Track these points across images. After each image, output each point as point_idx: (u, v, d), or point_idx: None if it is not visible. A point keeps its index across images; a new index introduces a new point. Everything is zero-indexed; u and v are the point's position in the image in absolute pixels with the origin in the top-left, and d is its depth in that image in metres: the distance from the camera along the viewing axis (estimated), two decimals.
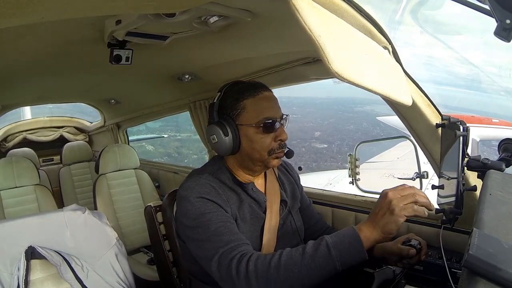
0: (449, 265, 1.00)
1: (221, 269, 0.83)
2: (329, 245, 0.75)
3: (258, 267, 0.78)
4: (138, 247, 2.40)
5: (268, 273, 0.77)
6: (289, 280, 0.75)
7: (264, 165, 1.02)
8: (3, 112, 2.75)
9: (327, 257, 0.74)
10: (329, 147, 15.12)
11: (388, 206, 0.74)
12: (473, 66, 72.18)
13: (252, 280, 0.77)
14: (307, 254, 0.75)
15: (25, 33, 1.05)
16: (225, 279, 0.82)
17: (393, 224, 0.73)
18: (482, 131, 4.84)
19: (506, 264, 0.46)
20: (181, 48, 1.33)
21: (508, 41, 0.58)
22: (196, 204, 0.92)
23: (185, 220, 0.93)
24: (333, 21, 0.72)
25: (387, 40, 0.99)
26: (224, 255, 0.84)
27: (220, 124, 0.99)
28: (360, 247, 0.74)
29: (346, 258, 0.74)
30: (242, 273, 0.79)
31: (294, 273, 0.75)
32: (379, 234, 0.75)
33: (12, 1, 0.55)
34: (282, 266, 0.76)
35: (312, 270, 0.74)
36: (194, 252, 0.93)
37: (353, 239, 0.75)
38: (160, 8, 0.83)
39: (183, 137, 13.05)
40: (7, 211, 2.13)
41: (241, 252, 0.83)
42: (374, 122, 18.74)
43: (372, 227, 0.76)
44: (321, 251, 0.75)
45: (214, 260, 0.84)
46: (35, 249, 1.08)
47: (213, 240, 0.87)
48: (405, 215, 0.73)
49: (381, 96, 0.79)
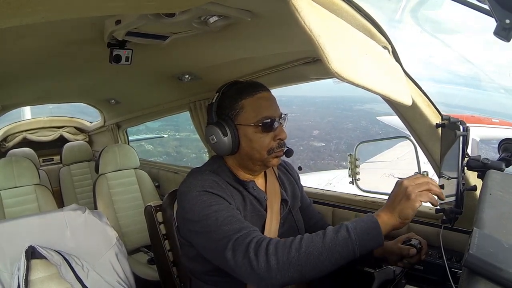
0: (449, 265, 0.99)
1: (236, 255, 0.80)
2: (349, 229, 0.76)
3: (279, 250, 0.77)
4: (138, 247, 2.40)
5: (289, 256, 0.76)
6: (309, 263, 0.75)
7: (264, 165, 1.02)
8: (3, 112, 2.75)
9: (347, 240, 0.75)
10: (327, 145, 15.14)
11: (405, 193, 0.77)
12: (472, 65, 72.18)
13: (272, 263, 0.76)
14: (327, 237, 0.76)
15: (25, 33, 1.05)
16: (242, 265, 0.79)
17: (410, 209, 0.76)
18: (482, 131, 4.84)
19: (506, 264, 0.46)
20: (181, 48, 1.33)
21: (507, 40, 0.58)
22: (201, 197, 0.91)
23: (190, 215, 0.91)
24: (333, 21, 0.72)
25: (387, 40, 0.99)
26: (238, 241, 0.82)
27: (219, 124, 0.98)
28: (379, 231, 0.76)
29: (365, 242, 0.75)
30: (262, 256, 0.77)
31: (315, 255, 0.75)
32: (396, 219, 0.77)
33: (12, 1, 0.55)
34: (303, 248, 0.76)
35: (333, 253, 0.75)
36: (202, 246, 0.91)
37: (372, 224, 0.77)
38: (160, 8, 0.83)
39: (182, 137, 13.18)
40: (7, 211, 2.13)
41: (257, 237, 0.82)
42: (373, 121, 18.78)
43: (390, 213, 0.78)
44: (341, 234, 0.76)
45: (228, 247, 0.82)
46: (35, 249, 1.08)
47: (224, 229, 0.85)
48: (421, 200, 0.76)
49: (381, 96, 0.79)
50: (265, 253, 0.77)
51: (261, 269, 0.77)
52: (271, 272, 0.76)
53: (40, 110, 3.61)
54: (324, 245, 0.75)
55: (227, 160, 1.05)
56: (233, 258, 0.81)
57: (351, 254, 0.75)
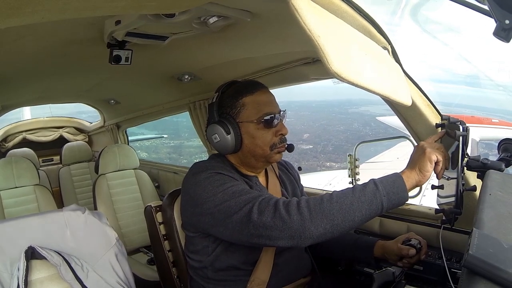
0: (449, 265, 1.00)
1: (265, 215, 0.80)
2: (376, 182, 0.81)
3: (311, 202, 0.79)
4: (138, 247, 2.40)
5: (322, 206, 0.78)
6: (341, 213, 0.77)
7: (266, 161, 1.02)
8: (3, 112, 2.74)
9: (375, 191, 0.79)
10: (314, 147, 15.61)
11: (422, 149, 0.84)
12: (472, 64, 72.30)
13: (305, 214, 0.77)
14: (357, 189, 0.80)
15: (25, 33, 1.05)
16: (272, 223, 0.79)
17: (427, 161, 0.82)
18: (482, 131, 4.84)
19: (506, 264, 0.46)
20: (180, 48, 1.33)
21: (507, 41, 0.58)
22: (213, 177, 0.91)
23: (204, 195, 0.89)
24: (333, 21, 0.72)
25: (387, 40, 0.99)
26: (263, 202, 0.82)
27: (221, 123, 0.99)
28: (403, 185, 0.80)
29: (391, 195, 0.79)
30: (294, 210, 0.78)
31: (346, 205, 0.77)
32: (417, 173, 0.82)
33: (12, 1, 0.55)
34: (335, 199, 0.78)
35: (363, 204, 0.78)
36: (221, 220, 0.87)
37: (397, 178, 0.81)
38: (160, 8, 0.83)
39: (176, 144, 14.23)
40: (7, 211, 2.12)
41: (282, 199, 0.83)
42: (365, 123, 19.06)
43: (411, 169, 0.83)
44: (370, 187, 0.80)
45: (254, 211, 0.81)
46: (35, 249, 1.08)
47: (244, 198, 0.85)
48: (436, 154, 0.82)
49: (380, 96, 0.79)
50: (297, 207, 0.79)
51: (294, 223, 0.77)
52: (305, 224, 0.77)
53: (40, 110, 3.61)
54: (354, 196, 0.78)
55: (229, 158, 1.05)
56: (261, 219, 0.80)
57: (379, 206, 0.78)
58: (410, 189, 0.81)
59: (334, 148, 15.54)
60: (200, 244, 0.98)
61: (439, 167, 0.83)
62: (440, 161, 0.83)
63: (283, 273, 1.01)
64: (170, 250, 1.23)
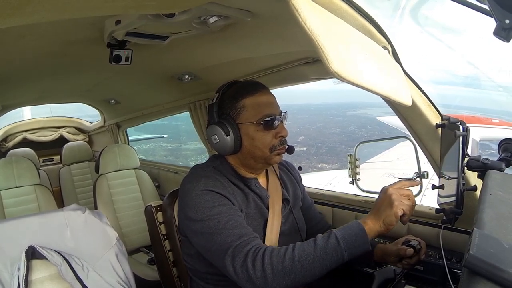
0: (450, 265, 1.00)
1: (235, 263, 0.83)
2: (338, 237, 0.80)
3: (273, 260, 0.80)
4: (138, 247, 2.40)
5: (284, 265, 0.79)
6: (303, 271, 0.79)
7: (266, 162, 1.02)
8: (3, 112, 2.75)
9: (337, 248, 0.79)
10: (308, 150, 15.91)
11: (389, 200, 0.82)
12: (472, 65, 72.19)
13: (268, 272, 0.79)
14: (318, 246, 0.80)
15: (25, 33, 1.05)
16: (240, 273, 0.82)
17: (393, 216, 0.81)
18: (482, 131, 4.84)
19: (507, 264, 0.46)
20: (181, 48, 1.33)
21: (507, 41, 0.58)
22: (203, 197, 0.92)
23: (193, 214, 0.92)
24: (333, 21, 0.72)
25: (387, 40, 0.99)
26: (238, 249, 0.84)
27: (220, 124, 0.99)
28: (365, 238, 0.80)
29: (353, 249, 0.80)
30: (258, 266, 0.80)
31: (308, 264, 0.79)
32: (381, 225, 0.82)
33: (12, 1, 0.55)
34: (296, 258, 0.80)
35: (324, 261, 0.79)
36: (202, 246, 0.92)
37: (359, 231, 0.81)
38: (160, 8, 0.83)
39: (173, 147, 14.71)
40: (7, 211, 2.13)
41: (255, 246, 0.85)
42: (361, 125, 19.16)
43: (375, 220, 0.83)
44: (331, 243, 0.80)
45: (228, 254, 0.84)
46: (35, 249, 1.08)
47: (225, 234, 0.87)
48: (402, 209, 0.81)
49: (381, 96, 0.79)
50: (261, 263, 0.81)
51: (257, 279, 0.80)
52: (267, 281, 0.80)
53: (40, 110, 3.61)
54: (315, 254, 0.80)
55: (229, 159, 1.05)
56: (232, 264, 0.84)
57: (340, 260, 0.80)
58: (372, 238, 0.82)
59: (328, 150, 15.85)
60: (193, 249, 0.98)
61: (405, 217, 0.82)
62: (406, 214, 0.82)
63: None
64: (170, 250, 1.23)
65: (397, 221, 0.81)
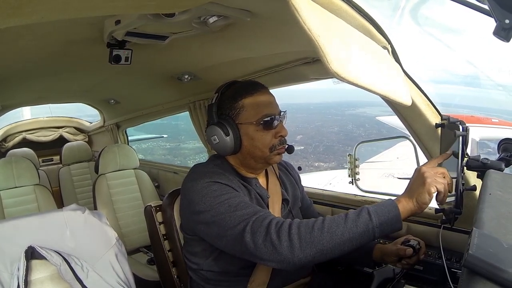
0: (449, 265, 1.00)
1: (256, 237, 0.80)
2: (370, 212, 0.78)
3: (301, 230, 0.78)
4: (138, 247, 2.40)
5: (312, 235, 0.77)
6: (331, 243, 0.76)
7: (266, 162, 1.02)
8: (3, 112, 2.74)
9: (368, 223, 0.77)
10: (305, 148, 15.88)
11: (422, 178, 0.79)
12: (472, 64, 72.38)
13: (295, 242, 0.77)
14: (349, 219, 0.78)
15: (25, 33, 1.05)
16: (263, 246, 0.79)
17: (426, 194, 0.78)
18: (482, 131, 4.84)
19: (506, 264, 0.46)
20: (180, 48, 1.33)
21: (507, 41, 0.58)
22: (210, 187, 0.91)
23: (201, 206, 0.90)
24: (333, 21, 0.72)
25: (387, 40, 0.99)
26: (256, 223, 0.82)
27: (220, 124, 0.99)
28: (398, 216, 0.78)
29: (384, 226, 0.77)
30: (284, 236, 0.78)
31: (337, 235, 0.76)
32: (414, 204, 0.79)
33: (12, 1, 0.55)
34: (326, 228, 0.77)
35: (354, 234, 0.76)
36: (216, 234, 0.89)
37: (392, 208, 0.78)
38: (159, 8, 0.83)
39: (171, 146, 14.66)
40: (7, 211, 2.12)
41: (276, 219, 0.82)
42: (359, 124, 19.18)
43: (408, 198, 0.80)
44: (363, 217, 0.78)
45: (247, 230, 0.81)
46: (35, 249, 1.08)
47: (239, 214, 0.85)
48: (436, 186, 0.78)
49: (380, 96, 0.79)
50: (288, 233, 0.78)
51: (283, 249, 0.77)
52: (294, 251, 0.77)
53: (40, 110, 3.61)
54: (346, 226, 0.77)
55: (229, 160, 1.05)
56: (253, 240, 0.80)
57: (370, 236, 0.77)
58: (405, 218, 0.79)
59: (325, 149, 15.87)
60: (198, 247, 0.98)
61: (441, 196, 0.80)
62: (441, 192, 0.79)
63: (283, 273, 1.00)
64: (170, 250, 1.23)
65: (430, 199, 0.78)
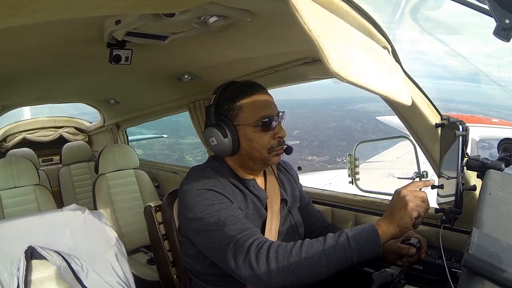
0: (449, 265, 1.00)
1: (237, 257, 0.81)
2: (349, 237, 0.77)
3: (279, 254, 0.78)
4: (138, 247, 2.40)
5: (289, 260, 0.77)
6: (308, 268, 0.76)
7: (264, 163, 1.02)
8: (3, 112, 2.75)
9: (346, 248, 0.76)
10: (301, 143, 15.92)
11: (402, 201, 0.79)
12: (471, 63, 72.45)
13: (272, 267, 0.77)
14: (327, 244, 0.78)
15: (25, 33, 1.05)
16: (242, 267, 0.80)
17: (408, 218, 0.77)
18: (482, 130, 4.84)
19: (506, 264, 0.46)
20: (180, 48, 1.33)
21: (507, 40, 0.58)
22: (202, 196, 0.91)
23: (192, 213, 0.91)
24: (333, 21, 0.72)
25: (387, 40, 0.99)
26: (239, 242, 0.82)
27: (218, 126, 0.98)
28: (377, 241, 0.77)
29: (363, 251, 0.76)
30: (262, 260, 0.78)
31: (315, 261, 0.76)
32: (395, 228, 0.78)
33: (12, 1, 0.55)
34: (304, 254, 0.77)
35: (332, 260, 0.76)
36: (203, 245, 0.91)
37: (371, 233, 0.78)
38: (159, 8, 0.83)
39: (170, 142, 14.75)
40: (6, 211, 2.12)
41: (258, 240, 0.82)
42: (357, 119, 19.14)
43: (389, 222, 0.79)
44: (341, 242, 0.77)
45: (229, 248, 0.82)
46: (35, 249, 1.08)
47: (226, 229, 0.85)
48: (418, 210, 0.78)
49: (380, 96, 0.79)
50: (266, 257, 0.78)
51: (261, 272, 0.78)
52: (271, 276, 0.77)
53: (40, 110, 3.61)
54: (323, 252, 0.77)
55: (227, 161, 1.05)
56: (234, 259, 0.82)
57: (349, 262, 0.77)
58: (384, 242, 0.79)
59: (320, 143, 15.90)
60: (193, 250, 0.98)
61: (418, 220, 0.79)
62: (420, 216, 0.79)
63: None
64: (169, 250, 1.23)
65: (412, 224, 0.78)
